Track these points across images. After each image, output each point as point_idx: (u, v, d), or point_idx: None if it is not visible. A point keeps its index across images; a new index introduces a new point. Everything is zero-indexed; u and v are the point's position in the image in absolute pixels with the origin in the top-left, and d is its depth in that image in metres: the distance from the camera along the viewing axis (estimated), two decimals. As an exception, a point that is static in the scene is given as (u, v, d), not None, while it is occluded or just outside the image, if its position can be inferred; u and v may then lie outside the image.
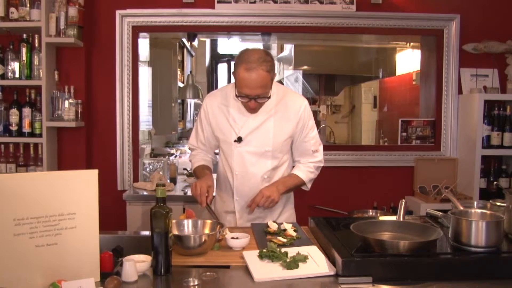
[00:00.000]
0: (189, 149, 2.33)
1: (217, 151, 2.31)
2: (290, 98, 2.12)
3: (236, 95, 1.99)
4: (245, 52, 1.97)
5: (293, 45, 5.17)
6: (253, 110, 2.02)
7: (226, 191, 2.20)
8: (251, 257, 1.57)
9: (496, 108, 3.31)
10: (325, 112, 5.53)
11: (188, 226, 1.83)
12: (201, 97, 5.64)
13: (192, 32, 3.67)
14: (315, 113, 5.49)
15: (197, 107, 6.83)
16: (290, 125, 2.09)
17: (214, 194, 2.15)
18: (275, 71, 1.99)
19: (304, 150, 2.17)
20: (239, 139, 2.07)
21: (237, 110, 2.08)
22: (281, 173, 2.17)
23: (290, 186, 2.13)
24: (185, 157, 4.98)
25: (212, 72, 7.18)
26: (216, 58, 7.22)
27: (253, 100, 1.95)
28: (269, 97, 2.00)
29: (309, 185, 2.21)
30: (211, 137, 2.19)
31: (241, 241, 1.71)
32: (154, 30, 3.45)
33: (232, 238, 1.74)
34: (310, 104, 2.25)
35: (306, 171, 2.17)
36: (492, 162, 3.42)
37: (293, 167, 2.23)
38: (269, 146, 2.08)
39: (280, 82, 5.47)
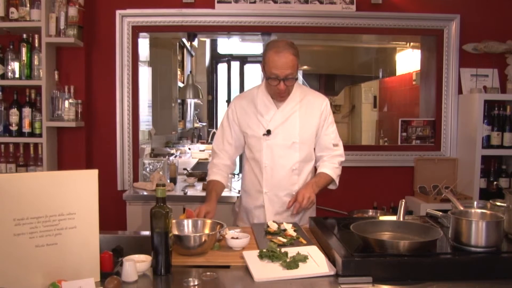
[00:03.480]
0: (212, 153, 2.37)
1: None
2: (312, 96, 2.30)
3: (267, 77, 2.12)
4: (273, 40, 2.22)
5: (293, 45, 5.15)
6: (282, 95, 2.15)
7: (253, 186, 2.27)
8: (251, 257, 1.57)
9: (496, 108, 3.31)
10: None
11: (188, 226, 1.83)
12: (201, 97, 5.64)
13: (192, 32, 3.67)
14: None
15: (197, 107, 6.83)
16: (314, 119, 2.24)
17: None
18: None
19: (325, 144, 2.28)
20: (268, 132, 2.18)
21: (264, 106, 2.22)
22: (311, 167, 2.28)
23: (322, 186, 2.22)
24: (185, 157, 4.99)
25: (212, 72, 7.17)
26: (216, 58, 7.22)
27: (282, 82, 2.07)
28: (297, 79, 2.15)
29: (337, 182, 2.30)
30: (239, 135, 2.28)
31: (241, 241, 1.71)
32: (154, 30, 3.45)
33: (232, 238, 1.74)
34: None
35: (332, 168, 2.26)
36: (492, 162, 3.42)
37: (318, 166, 2.32)
38: (296, 138, 2.20)
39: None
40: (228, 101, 6.89)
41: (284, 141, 2.19)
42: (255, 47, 6.71)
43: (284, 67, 2.05)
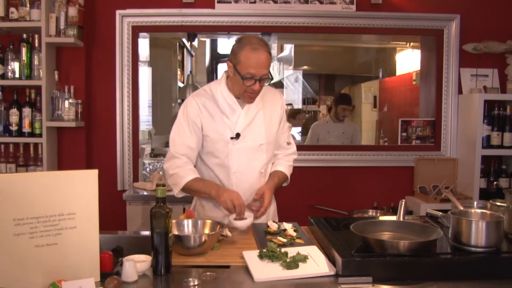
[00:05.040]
0: (169, 157, 2.07)
1: None
2: (270, 92, 2.18)
3: (242, 78, 1.92)
4: (245, 36, 2.00)
5: (293, 45, 5.17)
6: (253, 96, 1.99)
7: None
8: (251, 257, 1.57)
9: (496, 108, 3.31)
10: (325, 112, 5.53)
11: (188, 226, 1.82)
12: (201, 97, 5.63)
13: (192, 32, 3.67)
14: (315, 113, 5.50)
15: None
16: (277, 116, 2.15)
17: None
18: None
19: (280, 143, 2.21)
20: (237, 136, 2.03)
21: (229, 107, 2.05)
22: (270, 167, 2.20)
23: (278, 185, 2.17)
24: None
25: (212, 72, 7.17)
26: (216, 58, 7.21)
27: (258, 82, 1.93)
28: (272, 78, 2.03)
29: (289, 180, 2.24)
30: (201, 138, 2.06)
31: (245, 221, 1.71)
32: (154, 30, 3.46)
33: (235, 219, 1.73)
34: (310, 104, 2.27)
35: (287, 166, 2.22)
36: (492, 162, 3.42)
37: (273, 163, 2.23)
38: (263, 140, 2.09)
39: (280, 82, 5.48)
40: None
41: (252, 144, 2.06)
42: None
43: (261, 66, 1.90)
